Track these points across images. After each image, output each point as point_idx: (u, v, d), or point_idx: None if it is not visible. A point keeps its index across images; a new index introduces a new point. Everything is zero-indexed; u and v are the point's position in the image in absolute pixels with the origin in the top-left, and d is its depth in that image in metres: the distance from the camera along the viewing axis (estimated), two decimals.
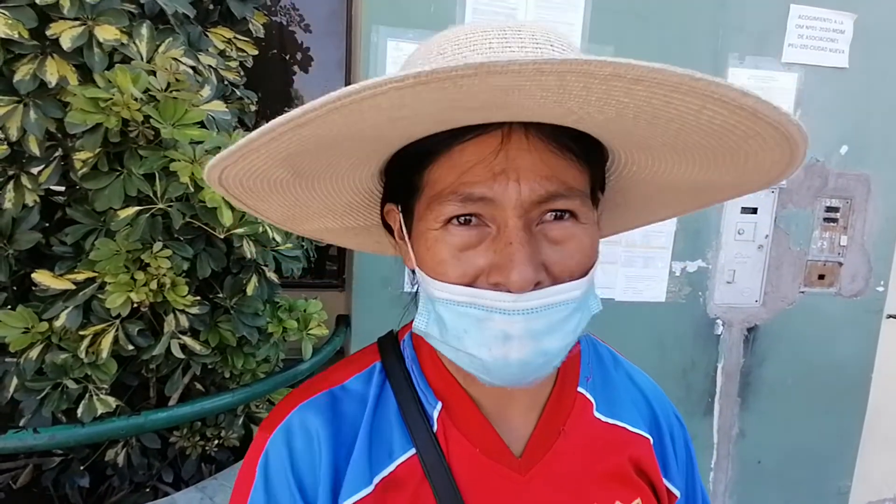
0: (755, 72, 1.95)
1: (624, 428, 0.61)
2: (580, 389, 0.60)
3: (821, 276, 2.10)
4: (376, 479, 0.52)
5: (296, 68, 2.54)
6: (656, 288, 2.00)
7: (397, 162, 0.51)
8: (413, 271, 0.55)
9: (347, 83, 2.50)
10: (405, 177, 0.50)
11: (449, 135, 0.45)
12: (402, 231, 0.54)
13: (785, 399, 2.16)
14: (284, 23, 2.48)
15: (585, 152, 0.48)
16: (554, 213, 0.47)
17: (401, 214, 0.54)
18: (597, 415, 0.60)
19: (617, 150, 0.52)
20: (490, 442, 0.55)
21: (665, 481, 0.62)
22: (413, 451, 0.54)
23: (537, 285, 0.45)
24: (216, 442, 1.65)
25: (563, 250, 0.47)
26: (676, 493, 0.63)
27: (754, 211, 2.03)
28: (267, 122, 0.41)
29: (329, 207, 0.58)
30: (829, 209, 2.07)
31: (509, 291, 0.45)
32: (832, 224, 2.08)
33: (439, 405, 0.56)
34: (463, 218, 0.46)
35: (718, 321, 2.06)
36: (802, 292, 2.09)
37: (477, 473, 0.54)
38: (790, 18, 1.94)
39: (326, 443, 0.53)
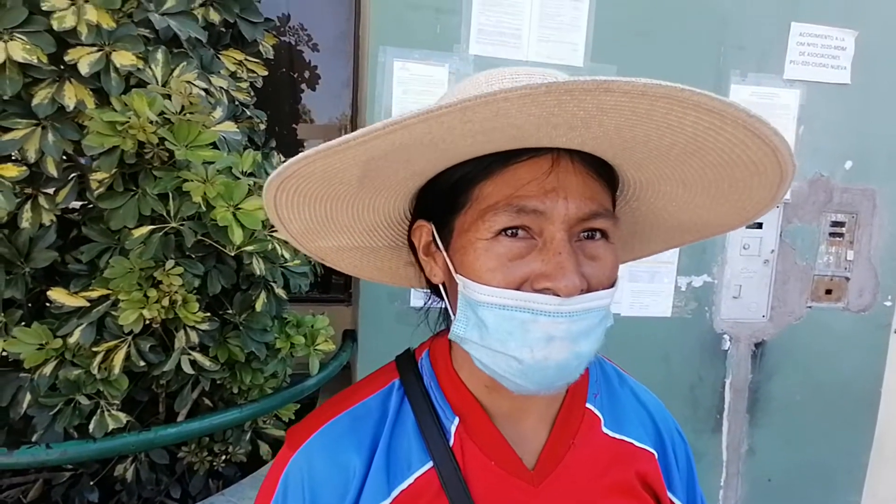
0: (757, 88, 1.96)
1: (630, 443, 0.63)
2: (589, 405, 0.63)
3: (828, 291, 2.09)
4: (395, 493, 0.55)
5: (304, 87, 2.58)
6: (662, 303, 2.00)
7: (442, 182, 0.56)
8: (436, 286, 0.59)
9: (354, 102, 2.53)
10: (452, 194, 0.55)
11: (503, 156, 0.50)
12: (431, 246, 0.58)
13: (794, 415, 2.14)
14: (294, 43, 2.53)
15: (611, 180, 0.55)
16: (589, 233, 0.52)
17: (434, 229, 0.57)
18: (605, 430, 0.62)
19: (631, 181, 0.58)
20: (504, 455, 0.57)
21: (669, 494, 0.64)
22: (430, 464, 0.56)
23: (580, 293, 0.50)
24: (223, 457, 1.66)
25: (597, 265, 0.52)
26: None
27: (759, 226, 2.03)
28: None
29: (352, 225, 0.61)
30: (835, 224, 2.06)
31: (556, 296, 0.48)
32: (838, 239, 2.08)
33: (456, 419, 0.58)
34: (511, 230, 0.51)
35: (725, 336, 2.05)
36: (810, 307, 2.09)
37: (492, 485, 0.56)
38: (791, 35, 1.96)
39: (356, 464, 0.55)
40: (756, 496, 2.17)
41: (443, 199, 0.56)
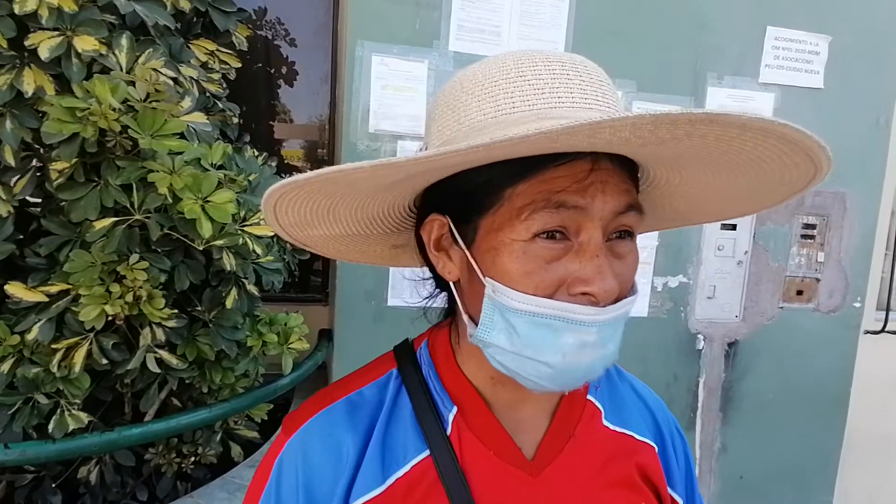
0: (733, 91, 1.99)
1: (631, 436, 0.63)
2: (590, 397, 0.63)
3: (799, 292, 2.12)
4: (390, 480, 0.54)
5: (281, 82, 2.55)
6: (639, 303, 1.99)
7: (464, 180, 0.53)
8: (450, 283, 0.58)
9: (332, 97, 2.49)
10: (478, 194, 0.52)
11: (541, 157, 0.48)
12: (443, 241, 0.56)
13: (766, 414, 2.17)
14: (270, 37, 2.49)
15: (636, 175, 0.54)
16: (620, 233, 0.51)
17: (452, 226, 0.55)
18: (605, 423, 0.62)
19: (653, 169, 0.57)
20: (503, 444, 0.57)
21: (669, 489, 0.64)
22: (427, 452, 0.55)
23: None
24: (192, 459, 1.61)
25: (625, 265, 0.52)
26: (679, 500, 0.65)
27: (733, 227, 2.06)
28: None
29: (351, 216, 0.59)
30: (806, 226, 2.10)
31: (592, 302, 0.48)
32: (809, 241, 2.11)
33: (454, 409, 0.58)
34: (549, 232, 0.49)
35: (699, 336, 2.07)
36: (781, 307, 2.12)
37: (490, 475, 0.55)
38: (767, 40, 1.99)
39: (350, 448, 0.55)
40: (728, 493, 2.19)
41: (464, 198, 0.54)
